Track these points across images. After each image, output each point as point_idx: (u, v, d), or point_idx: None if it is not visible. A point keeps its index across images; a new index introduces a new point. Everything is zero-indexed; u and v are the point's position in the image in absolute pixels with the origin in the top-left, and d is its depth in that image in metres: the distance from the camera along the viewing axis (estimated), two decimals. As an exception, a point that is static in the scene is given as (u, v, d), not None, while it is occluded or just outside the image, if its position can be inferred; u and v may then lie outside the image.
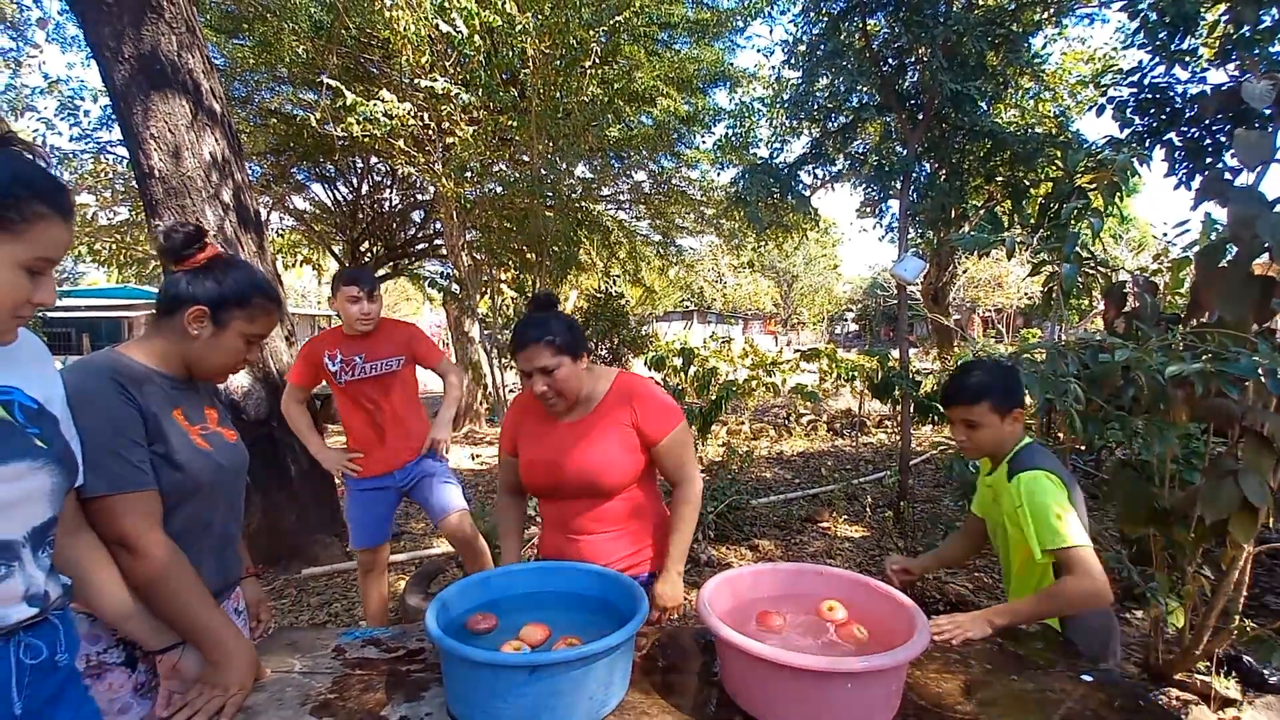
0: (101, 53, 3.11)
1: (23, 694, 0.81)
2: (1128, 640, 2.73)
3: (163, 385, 1.17)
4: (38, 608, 0.82)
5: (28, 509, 0.81)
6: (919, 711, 1.08)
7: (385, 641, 1.33)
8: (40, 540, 0.84)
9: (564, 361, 1.48)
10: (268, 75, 7.05)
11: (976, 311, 21.05)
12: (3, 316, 0.78)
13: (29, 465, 0.81)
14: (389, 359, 2.52)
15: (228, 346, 1.19)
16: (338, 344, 2.50)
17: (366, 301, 2.43)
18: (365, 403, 2.51)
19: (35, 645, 0.84)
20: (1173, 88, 3.98)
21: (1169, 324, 2.20)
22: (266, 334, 1.25)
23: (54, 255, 0.80)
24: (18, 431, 0.83)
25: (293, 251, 11.57)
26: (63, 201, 0.80)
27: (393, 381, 2.54)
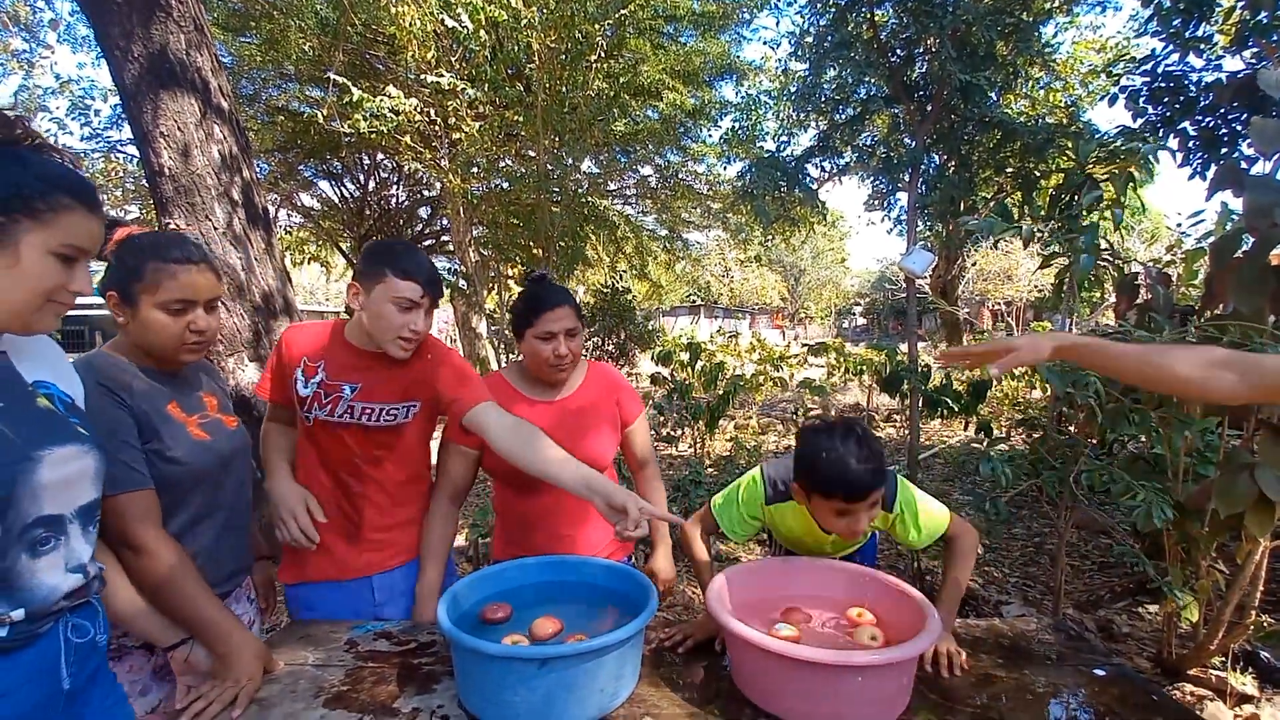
0: (111, 52, 3.13)
1: (70, 671, 0.87)
2: (1141, 635, 2.71)
3: (150, 380, 1.18)
4: (80, 575, 0.87)
5: (78, 488, 0.88)
6: (930, 705, 1.08)
7: (397, 634, 1.33)
8: (87, 519, 0.90)
9: (580, 326, 1.57)
10: (275, 72, 7.09)
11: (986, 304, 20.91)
12: (37, 301, 0.82)
13: (78, 449, 0.88)
14: (396, 404, 1.45)
15: (151, 322, 1.14)
16: (325, 353, 1.45)
17: (425, 314, 1.40)
18: (336, 463, 1.46)
19: (82, 625, 0.90)
20: (1187, 76, 3.92)
21: (1183, 316, 2.17)
22: (189, 297, 1.16)
23: (83, 244, 0.85)
24: (62, 419, 0.89)
25: (300, 249, 11.65)
26: (88, 195, 0.86)
27: (392, 440, 1.48)
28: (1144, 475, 2.00)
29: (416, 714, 1.05)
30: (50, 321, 0.85)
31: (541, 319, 1.52)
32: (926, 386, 4.24)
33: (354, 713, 1.05)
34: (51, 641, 0.85)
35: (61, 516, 0.86)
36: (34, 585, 0.82)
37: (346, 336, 1.47)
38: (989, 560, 3.64)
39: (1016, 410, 6.89)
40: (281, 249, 4.04)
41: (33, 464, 0.81)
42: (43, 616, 0.83)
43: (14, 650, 0.81)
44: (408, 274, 1.35)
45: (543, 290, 1.57)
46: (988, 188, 5.29)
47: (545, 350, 1.53)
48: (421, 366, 1.47)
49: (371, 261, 1.38)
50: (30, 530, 0.82)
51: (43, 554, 0.83)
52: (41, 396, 0.89)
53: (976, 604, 3.09)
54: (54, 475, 0.83)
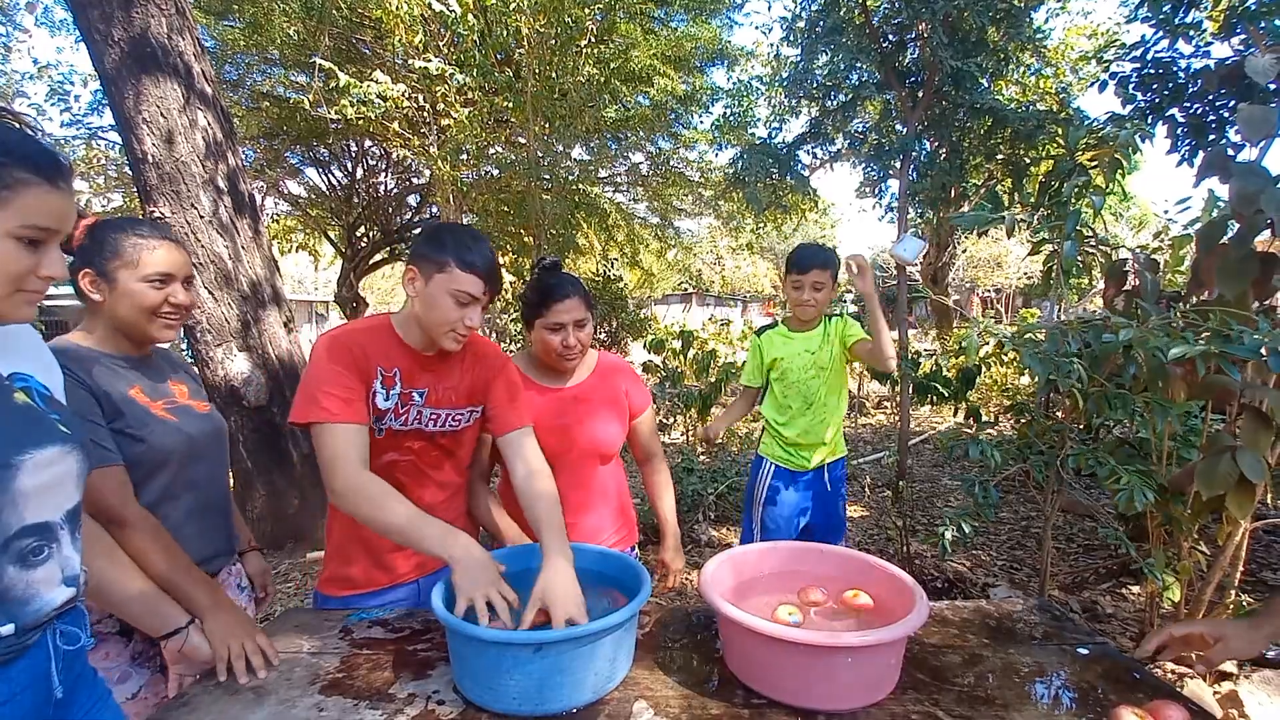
0: (91, 36, 3.07)
1: (61, 679, 0.84)
2: (1124, 615, 2.77)
3: (112, 366, 1.20)
4: (74, 589, 0.84)
5: (62, 492, 0.83)
6: (918, 684, 1.10)
7: (392, 622, 1.34)
8: (74, 523, 0.86)
9: (589, 316, 1.57)
10: (259, 57, 6.97)
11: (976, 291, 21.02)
12: (4, 290, 0.75)
13: (59, 450, 0.82)
14: (462, 409, 1.41)
15: (130, 294, 1.17)
16: (396, 358, 1.33)
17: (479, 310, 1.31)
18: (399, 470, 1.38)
19: (71, 632, 0.85)
20: (1176, 63, 3.93)
21: (1170, 302, 2.19)
22: (169, 270, 1.20)
23: (47, 224, 0.77)
24: (43, 417, 0.84)
25: (288, 237, 11.52)
26: (48, 167, 0.76)
27: (454, 445, 1.45)
28: (1128, 459, 2.03)
29: (412, 699, 1.06)
30: (25, 311, 0.79)
31: (551, 309, 1.52)
32: (916, 373, 4.27)
33: (350, 699, 1.06)
34: (40, 651, 0.82)
35: (50, 523, 0.81)
36: (28, 598, 0.78)
37: (403, 338, 1.35)
38: (977, 544, 3.70)
39: (1005, 396, 6.96)
40: (269, 237, 4.01)
41: (12, 471, 0.75)
42: (33, 629, 0.79)
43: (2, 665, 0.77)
44: (471, 267, 1.26)
45: (553, 280, 1.56)
46: (978, 174, 5.31)
47: (554, 340, 1.54)
48: (482, 371, 1.44)
49: (435, 247, 1.27)
50: (16, 541, 0.76)
51: (36, 565, 0.79)
52: (19, 391, 0.83)
53: (964, 586, 3.14)
54: (37, 480, 0.78)
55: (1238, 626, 1.09)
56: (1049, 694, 1.08)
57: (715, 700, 1.06)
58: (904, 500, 4.21)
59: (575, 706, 1.02)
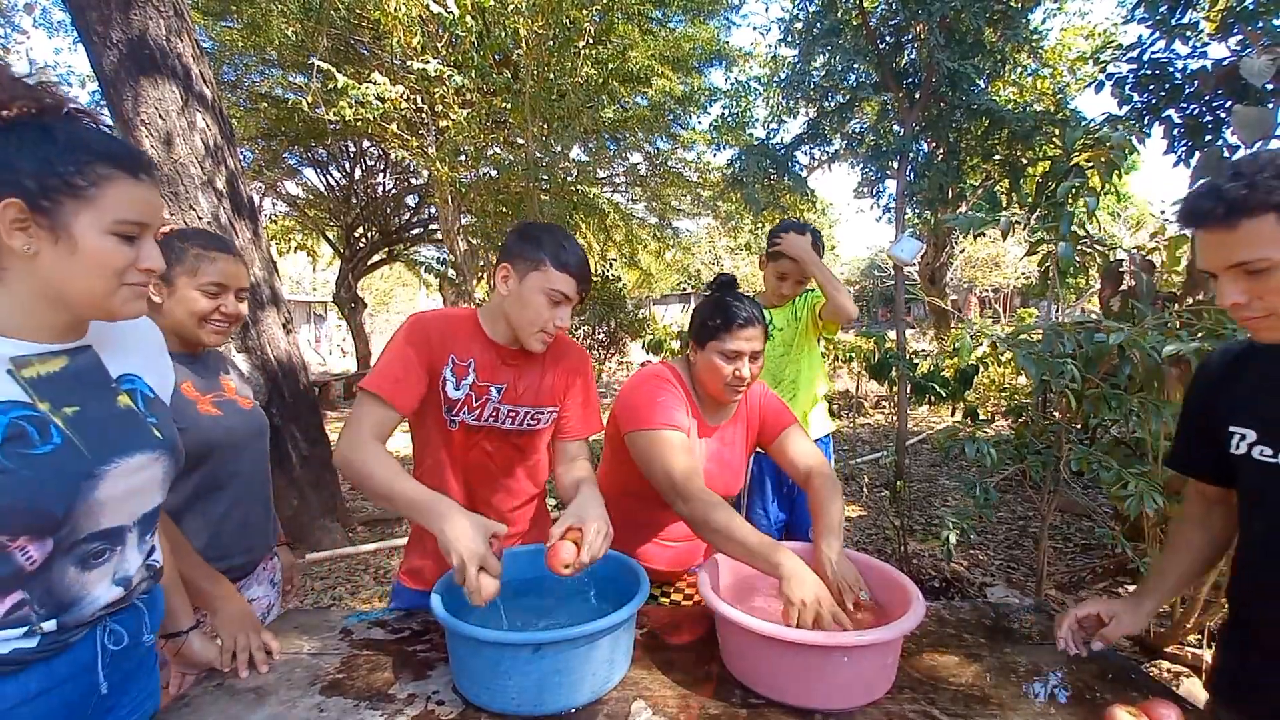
0: (90, 38, 3.07)
1: (108, 676, 0.85)
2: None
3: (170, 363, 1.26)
4: (123, 588, 0.85)
5: (142, 498, 0.84)
6: (914, 684, 1.11)
7: (391, 623, 1.35)
8: (147, 526, 0.88)
9: (764, 348, 1.45)
10: (257, 58, 6.97)
11: (973, 292, 21.06)
12: (108, 286, 0.76)
13: (148, 456, 0.84)
14: (540, 407, 1.38)
15: (184, 300, 1.26)
16: (472, 351, 1.32)
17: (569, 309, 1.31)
18: (471, 470, 1.37)
19: (118, 632, 0.87)
20: (1172, 63, 3.94)
21: (1166, 302, 2.21)
22: (223, 281, 1.28)
23: (138, 217, 0.78)
24: (140, 421, 0.85)
25: (286, 237, 11.52)
26: (128, 160, 0.77)
27: (529, 445, 1.41)
28: (1124, 458, 2.04)
29: (412, 700, 1.06)
30: (135, 306, 0.80)
31: (731, 335, 1.39)
32: (914, 373, 4.28)
33: (350, 699, 1.06)
34: (85, 650, 0.82)
35: (121, 528, 0.82)
36: (77, 597, 0.79)
37: (487, 332, 1.33)
38: (975, 544, 3.71)
39: (1003, 396, 6.98)
40: (267, 238, 4.01)
41: (95, 481, 0.76)
42: (76, 627, 0.80)
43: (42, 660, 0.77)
44: (565, 266, 1.25)
45: (736, 302, 1.42)
46: (976, 175, 5.32)
47: (726, 370, 1.40)
48: (562, 371, 1.41)
49: (530, 246, 1.27)
50: (83, 545, 0.78)
51: (94, 567, 0.80)
52: (124, 394, 0.84)
53: (961, 586, 3.15)
54: (119, 488, 0.79)
55: (1125, 604, 1.16)
56: (1045, 693, 1.09)
57: (713, 700, 1.06)
58: (902, 500, 4.22)
59: (574, 706, 1.03)
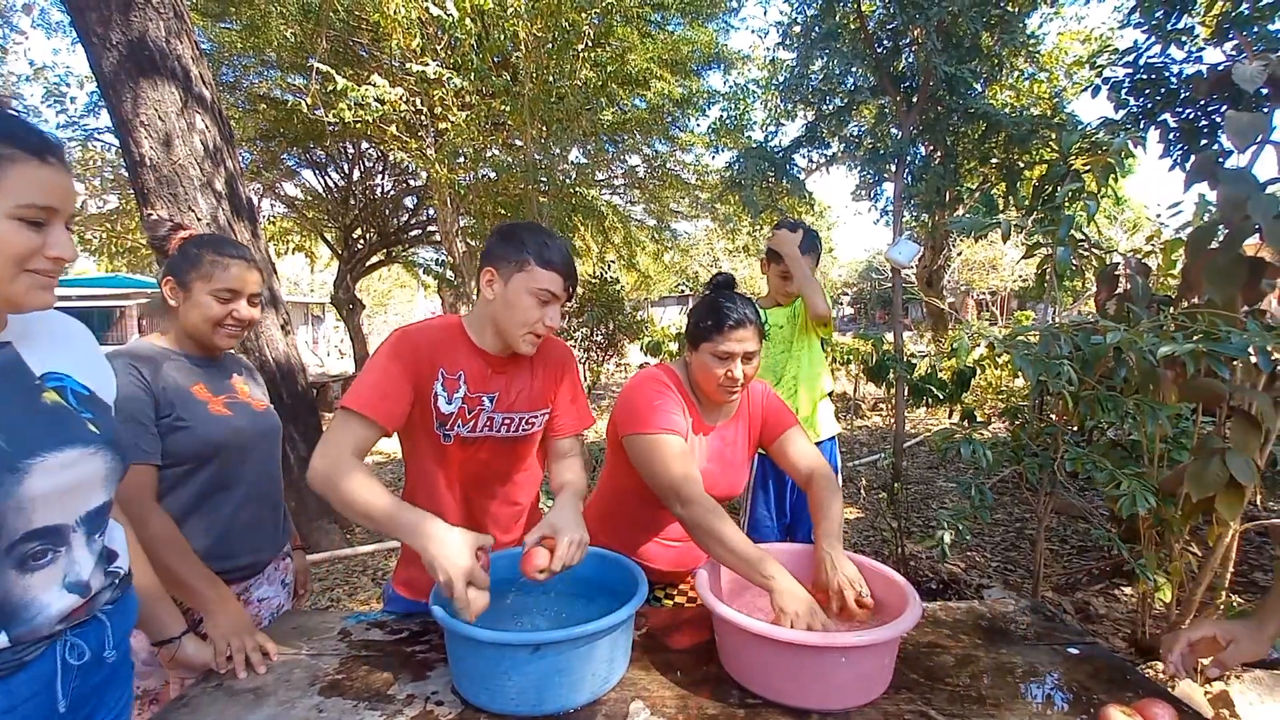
0: (89, 39, 3.07)
1: (68, 692, 0.83)
2: (1116, 616, 2.79)
3: (182, 363, 1.31)
4: (79, 595, 0.82)
5: (83, 494, 0.82)
6: (911, 684, 1.11)
7: (390, 624, 1.35)
8: (94, 525, 0.85)
9: (759, 348, 1.44)
10: (256, 60, 6.97)
11: (971, 294, 21.11)
12: (8, 272, 0.73)
13: (82, 451, 0.81)
14: (533, 412, 1.38)
15: (198, 304, 1.30)
16: (464, 361, 1.29)
17: (558, 308, 1.28)
18: (467, 482, 1.36)
19: (80, 646, 0.84)
20: (1168, 68, 3.97)
21: (1161, 305, 2.22)
22: (236, 287, 1.32)
23: (43, 201, 0.74)
24: (71, 416, 0.83)
25: (284, 239, 11.51)
26: (31, 141, 0.74)
27: (525, 451, 1.41)
28: (1120, 461, 2.05)
29: (411, 700, 1.07)
30: (40, 296, 0.77)
31: (724, 336, 1.39)
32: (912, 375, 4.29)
33: (349, 700, 1.07)
34: (45, 665, 0.79)
35: (62, 527, 0.80)
36: (24, 604, 0.76)
37: (474, 340, 1.30)
38: (972, 545, 3.72)
39: (999, 398, 6.99)
40: (265, 239, 4.01)
41: (19, 476, 0.73)
42: (33, 642, 0.77)
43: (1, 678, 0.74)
44: (550, 263, 1.23)
45: (729, 303, 1.42)
46: (973, 178, 5.34)
47: (719, 371, 1.40)
48: (550, 371, 1.40)
49: (512, 247, 1.24)
50: (20, 545, 0.75)
51: (36, 569, 0.77)
52: (50, 391, 0.82)
53: (959, 587, 3.16)
54: (51, 483, 0.77)
55: (1247, 628, 1.09)
56: (1041, 694, 1.10)
57: (711, 700, 1.07)
58: (899, 502, 4.23)
59: (573, 707, 1.04)
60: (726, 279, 1.52)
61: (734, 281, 1.54)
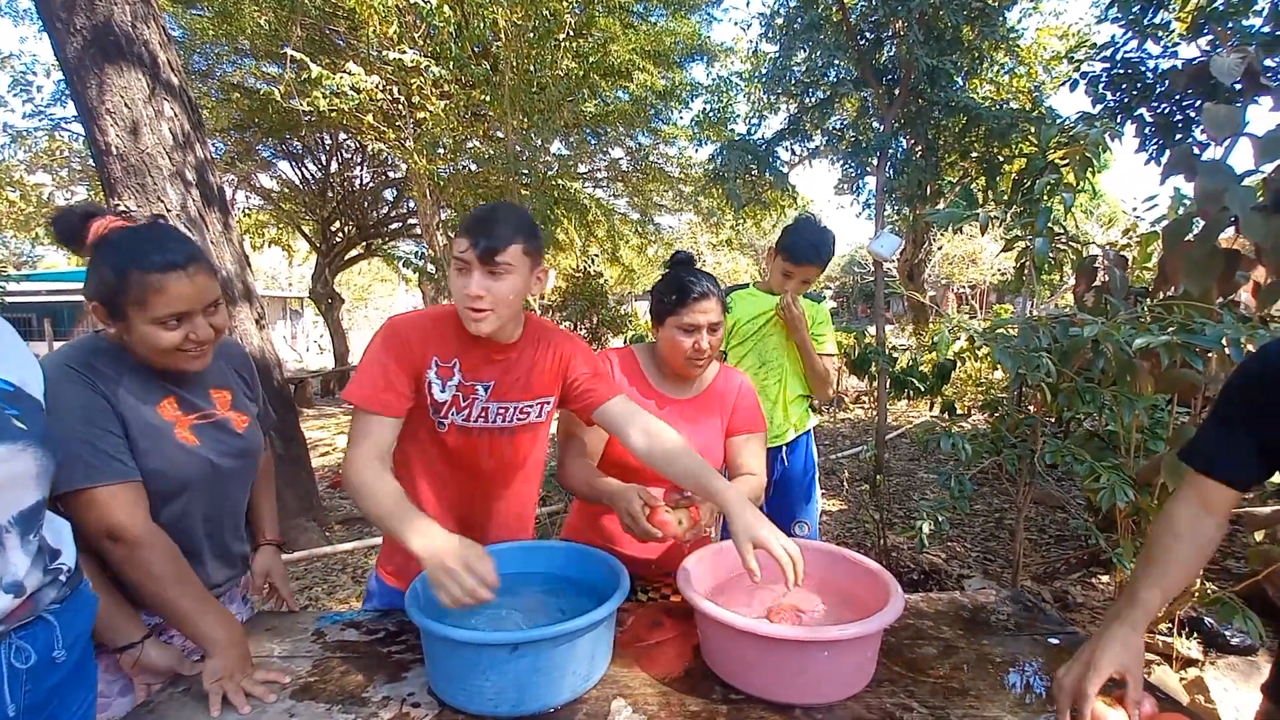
0: (53, 24, 2.96)
1: (17, 696, 0.80)
2: (1094, 604, 2.83)
3: (146, 373, 1.11)
4: (13, 595, 0.80)
5: (12, 493, 0.79)
6: (894, 677, 1.11)
7: (365, 624, 1.32)
8: (28, 525, 0.82)
9: (723, 320, 1.47)
10: (229, 47, 6.82)
11: (951, 288, 21.36)
12: None
13: (9, 448, 0.78)
14: (530, 401, 1.33)
15: (143, 335, 1.04)
16: (458, 348, 1.26)
17: (485, 277, 1.15)
18: (466, 473, 1.34)
19: (25, 649, 0.82)
20: (1144, 63, 4.02)
21: (1138, 297, 2.24)
22: (183, 309, 1.05)
23: None
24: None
25: (260, 231, 11.29)
26: None
27: (524, 443, 1.37)
28: (1098, 451, 2.07)
29: (387, 702, 1.04)
30: None
31: (688, 309, 1.42)
32: (893, 368, 4.32)
33: (322, 704, 1.04)
34: None
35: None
36: None
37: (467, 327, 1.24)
38: (952, 535, 3.76)
39: (979, 391, 7.08)
40: (240, 232, 3.91)
41: None
42: None
43: None
44: (463, 230, 1.18)
45: (690, 277, 1.45)
46: (953, 172, 5.38)
47: (685, 343, 1.43)
48: (551, 357, 1.35)
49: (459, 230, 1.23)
50: None
51: None
52: None
53: (940, 578, 3.19)
54: None
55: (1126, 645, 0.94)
56: (1021, 683, 1.10)
57: (693, 696, 1.06)
58: (881, 494, 4.27)
59: (553, 706, 1.02)
60: (686, 256, 1.54)
61: (693, 259, 1.56)
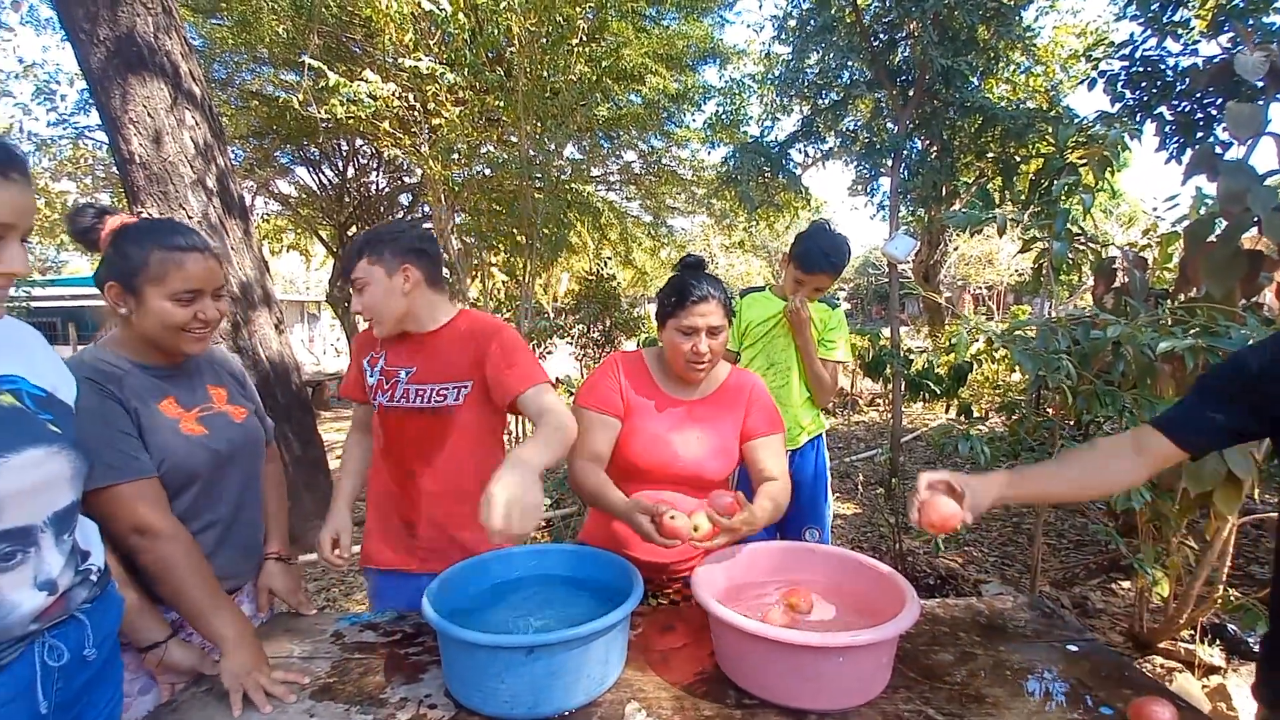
0: (77, 36, 3.03)
1: (50, 694, 0.82)
2: (1114, 610, 2.79)
3: (144, 377, 1.16)
4: (47, 593, 0.82)
5: (48, 494, 0.81)
6: (909, 683, 1.10)
7: (383, 625, 1.34)
8: (63, 525, 0.84)
9: (727, 324, 1.47)
10: (248, 56, 6.92)
11: (968, 289, 21.14)
12: None
13: (46, 451, 0.80)
14: (446, 384, 1.46)
15: (156, 311, 1.11)
16: (386, 342, 1.53)
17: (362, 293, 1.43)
18: (397, 451, 1.51)
19: (58, 647, 0.83)
20: (1164, 60, 3.96)
21: (1158, 299, 2.21)
22: (197, 286, 1.14)
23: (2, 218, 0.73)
24: (30, 418, 0.82)
25: (278, 237, 11.46)
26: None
27: (447, 425, 1.47)
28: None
29: (404, 704, 1.05)
30: None
31: (687, 311, 1.42)
32: (909, 370, 4.29)
33: (341, 704, 1.05)
34: (23, 668, 0.79)
35: (31, 527, 0.79)
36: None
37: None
38: (969, 541, 3.72)
39: (997, 393, 7.00)
40: (259, 237, 3.97)
41: None
42: (7, 643, 0.77)
43: None
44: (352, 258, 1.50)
45: (693, 280, 1.45)
46: (969, 172, 5.33)
47: (684, 345, 1.44)
48: (475, 344, 1.46)
49: None
50: None
51: (5, 570, 0.77)
52: (5, 394, 0.82)
53: (956, 583, 3.16)
54: (18, 483, 0.76)
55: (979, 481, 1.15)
56: (1039, 691, 1.09)
57: (707, 701, 1.06)
58: (896, 497, 4.23)
59: (568, 709, 1.02)
60: (696, 260, 1.54)
61: (703, 263, 1.55)
